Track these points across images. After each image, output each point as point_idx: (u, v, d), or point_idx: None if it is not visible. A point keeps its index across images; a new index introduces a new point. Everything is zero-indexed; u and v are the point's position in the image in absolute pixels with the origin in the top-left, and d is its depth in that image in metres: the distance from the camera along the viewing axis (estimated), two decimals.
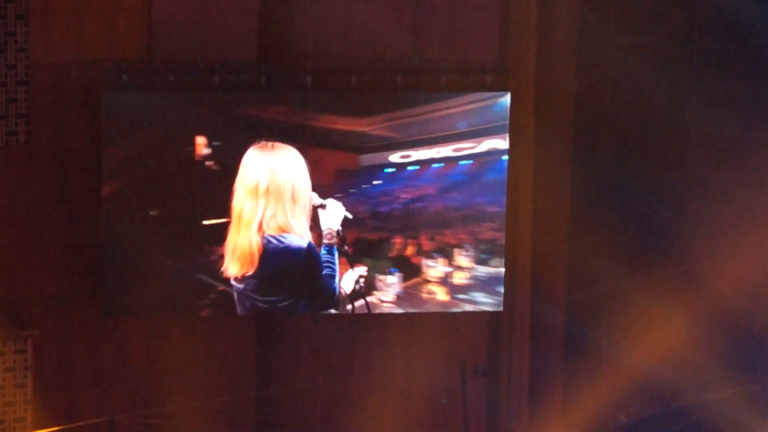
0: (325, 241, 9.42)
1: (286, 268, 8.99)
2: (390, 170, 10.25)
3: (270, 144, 9.46)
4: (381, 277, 10.50)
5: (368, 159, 10.05)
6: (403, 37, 12.09)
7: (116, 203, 11.50)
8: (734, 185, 12.17)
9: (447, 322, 12.25)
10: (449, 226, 10.62)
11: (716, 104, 12.29)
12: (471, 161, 10.78)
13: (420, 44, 12.10)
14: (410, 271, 10.79)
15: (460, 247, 10.79)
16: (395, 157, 10.14)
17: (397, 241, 10.47)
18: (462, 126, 10.83)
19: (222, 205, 10.92)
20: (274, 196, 9.05)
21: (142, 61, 11.63)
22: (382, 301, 10.55)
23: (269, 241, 8.74)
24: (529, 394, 12.39)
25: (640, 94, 12.38)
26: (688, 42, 12.41)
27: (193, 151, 11.37)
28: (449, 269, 10.81)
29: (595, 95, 12.40)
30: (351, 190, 9.74)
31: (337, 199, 9.73)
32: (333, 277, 9.41)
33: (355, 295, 10.36)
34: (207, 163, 10.79)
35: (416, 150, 10.22)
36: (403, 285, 10.61)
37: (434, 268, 10.74)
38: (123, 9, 11.60)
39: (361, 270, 10.07)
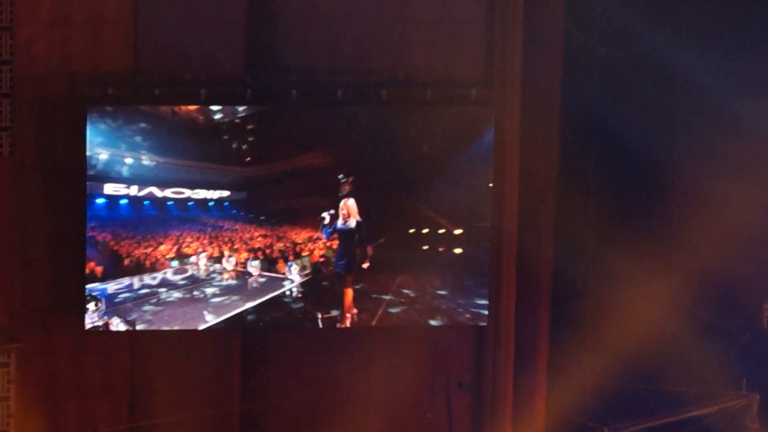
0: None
1: None
2: None
3: None
4: None
5: None
6: (389, 51, 12.09)
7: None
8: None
9: (431, 336, 12.24)
10: None
11: (702, 114, 12.33)
12: None
13: (406, 58, 12.10)
14: None
15: None
16: None
17: None
18: None
19: None
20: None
21: (127, 73, 11.61)
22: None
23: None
24: (512, 408, 12.38)
25: (625, 108, 12.37)
26: (671, 55, 12.41)
27: None
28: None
29: (580, 109, 12.40)
30: None
31: None
32: None
33: None
34: None
35: None
36: None
37: None
38: (107, 22, 11.58)
39: None
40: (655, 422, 12.22)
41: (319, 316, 11.89)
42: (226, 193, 11.83)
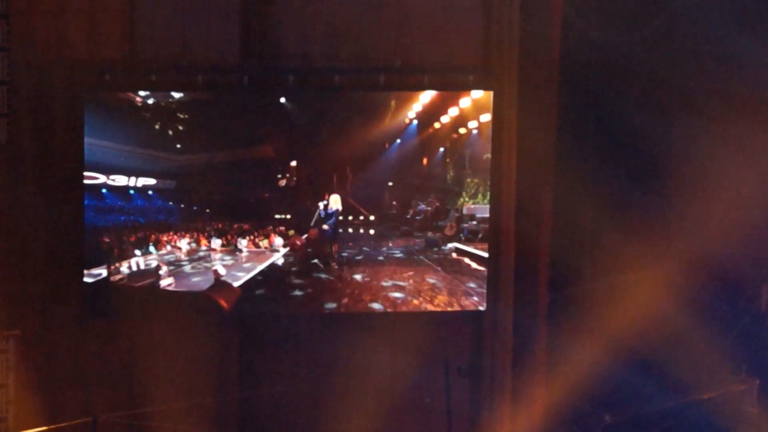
0: None
1: None
2: None
3: None
4: None
5: None
6: (386, 37, 12.07)
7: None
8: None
9: (430, 322, 12.25)
10: None
11: (699, 103, 12.29)
12: None
13: (403, 44, 12.08)
14: None
15: None
16: None
17: None
18: None
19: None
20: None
21: (124, 61, 11.63)
22: None
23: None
24: (511, 393, 12.36)
25: (624, 92, 12.34)
26: (669, 42, 12.38)
27: None
28: None
29: (579, 94, 12.36)
30: None
31: None
32: None
33: None
34: None
35: None
36: None
37: None
38: (105, 9, 11.63)
39: None
40: (655, 407, 12.22)
41: (316, 260, 12.29)
42: (151, 181, 11.88)
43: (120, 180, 11.85)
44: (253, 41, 11.91)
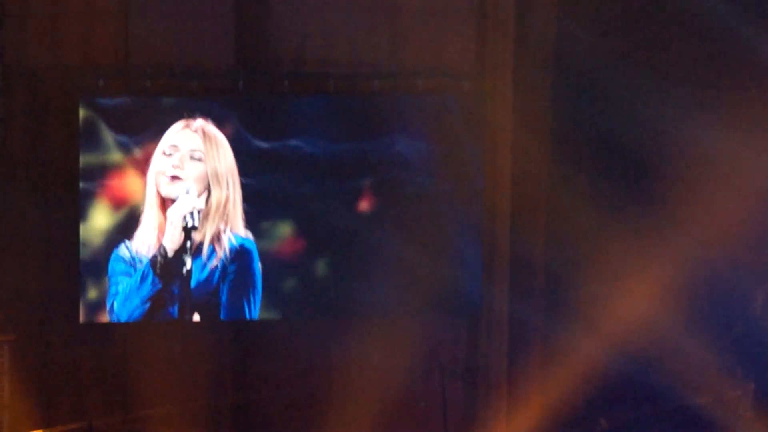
0: None
1: None
2: None
3: None
4: None
5: None
6: (380, 42, 12.11)
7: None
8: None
9: (425, 324, 12.25)
10: None
11: (693, 108, 12.31)
12: None
13: (398, 49, 12.11)
14: None
15: None
16: None
17: None
18: None
19: None
20: None
21: (118, 66, 11.65)
22: None
23: None
24: (507, 397, 12.38)
25: (618, 98, 12.36)
26: (664, 47, 12.40)
27: None
28: None
29: (572, 99, 12.39)
30: None
31: None
32: None
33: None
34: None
35: None
36: None
37: None
38: (100, 14, 11.63)
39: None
40: (650, 411, 12.23)
41: None
42: None
43: None
44: (248, 46, 11.93)
